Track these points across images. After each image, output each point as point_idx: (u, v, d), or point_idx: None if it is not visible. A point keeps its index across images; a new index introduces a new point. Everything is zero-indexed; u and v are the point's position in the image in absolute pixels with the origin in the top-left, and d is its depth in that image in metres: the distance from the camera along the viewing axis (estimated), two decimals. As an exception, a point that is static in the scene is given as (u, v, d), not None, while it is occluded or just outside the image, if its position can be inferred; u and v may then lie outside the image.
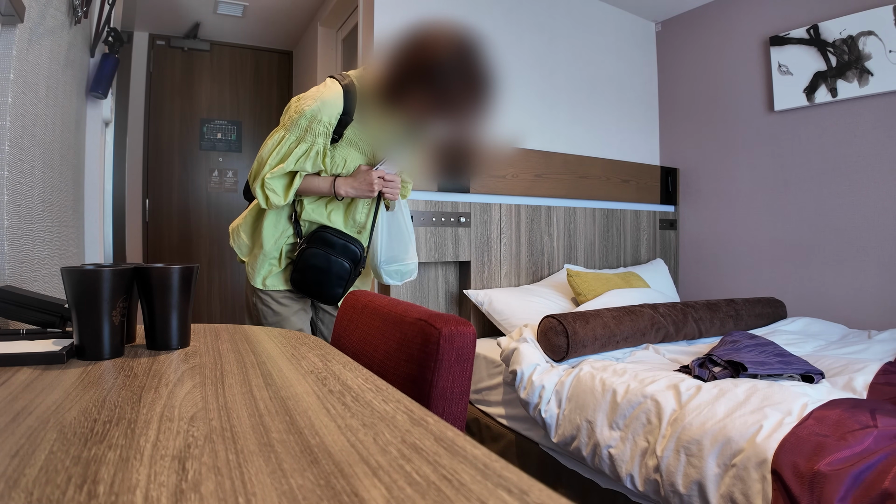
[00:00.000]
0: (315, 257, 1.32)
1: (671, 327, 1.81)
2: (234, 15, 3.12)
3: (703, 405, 1.19)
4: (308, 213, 1.34)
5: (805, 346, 1.78)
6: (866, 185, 2.28)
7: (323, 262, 1.32)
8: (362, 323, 0.86)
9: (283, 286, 1.38)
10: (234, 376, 0.56)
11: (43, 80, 1.15)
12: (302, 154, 1.22)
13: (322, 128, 1.20)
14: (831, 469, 0.92)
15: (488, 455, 0.34)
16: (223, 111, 3.52)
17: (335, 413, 0.44)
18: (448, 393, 0.63)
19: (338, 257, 1.33)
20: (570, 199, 2.65)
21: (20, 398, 0.47)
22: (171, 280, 0.68)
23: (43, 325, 0.74)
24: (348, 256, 1.34)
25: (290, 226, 1.36)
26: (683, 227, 3.05)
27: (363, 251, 1.38)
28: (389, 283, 1.47)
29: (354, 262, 1.36)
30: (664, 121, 3.11)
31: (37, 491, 0.29)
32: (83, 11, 1.41)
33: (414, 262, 1.47)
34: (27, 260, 1.04)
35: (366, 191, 1.29)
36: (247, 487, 0.30)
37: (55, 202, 1.30)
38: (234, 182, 3.54)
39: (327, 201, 1.35)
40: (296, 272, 1.34)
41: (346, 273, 1.34)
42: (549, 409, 1.48)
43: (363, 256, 1.38)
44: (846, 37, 2.27)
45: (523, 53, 2.58)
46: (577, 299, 2.15)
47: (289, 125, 1.21)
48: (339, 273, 1.34)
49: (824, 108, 2.40)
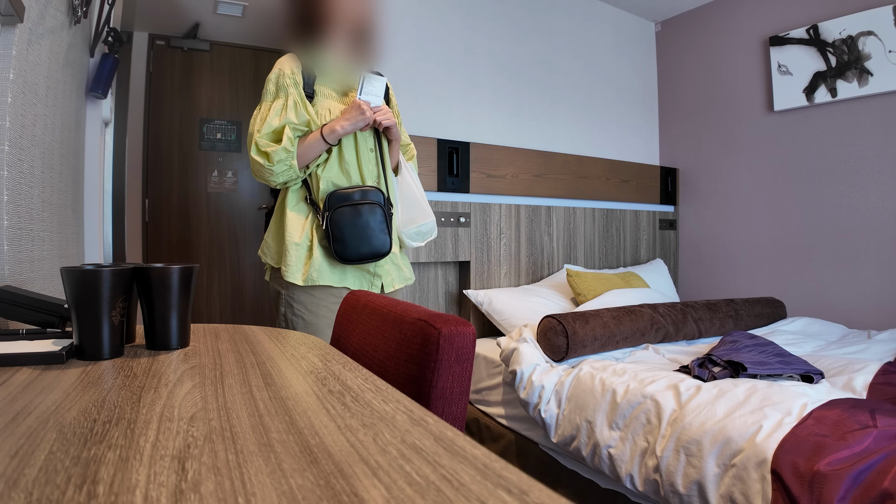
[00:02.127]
0: (342, 215, 1.29)
1: (671, 327, 1.81)
2: (233, 15, 3.12)
3: (702, 405, 1.19)
4: (326, 183, 1.33)
5: (805, 346, 1.78)
6: (866, 185, 2.29)
7: (352, 214, 1.29)
8: (362, 323, 0.86)
9: (329, 275, 1.32)
10: (233, 376, 0.56)
11: (42, 80, 1.15)
12: (281, 107, 1.29)
13: (288, 79, 1.30)
14: (831, 469, 0.92)
15: (488, 455, 0.34)
16: (223, 111, 3.52)
17: (335, 413, 0.44)
18: (448, 393, 0.63)
19: (363, 203, 1.31)
20: (569, 199, 2.65)
21: (20, 398, 0.47)
22: (171, 280, 0.68)
23: (42, 325, 0.74)
24: (370, 197, 1.32)
25: (309, 206, 1.34)
26: (683, 227, 3.05)
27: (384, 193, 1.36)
28: (412, 245, 1.48)
29: (380, 202, 1.33)
30: (664, 121, 3.11)
31: (36, 491, 0.29)
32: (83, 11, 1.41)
33: (430, 220, 1.47)
34: (27, 260, 1.04)
35: (357, 116, 1.28)
36: (246, 487, 0.30)
37: (55, 202, 1.30)
38: (233, 182, 3.54)
39: (338, 163, 1.34)
40: (336, 243, 1.29)
41: (378, 214, 1.31)
42: (548, 409, 1.48)
43: (387, 198, 1.36)
44: (846, 37, 2.27)
45: (523, 53, 2.58)
46: (577, 299, 2.15)
47: (262, 97, 1.32)
48: (375, 216, 1.31)
49: (824, 108, 2.40)
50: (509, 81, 2.53)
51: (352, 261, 1.31)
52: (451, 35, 2.36)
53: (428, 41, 2.29)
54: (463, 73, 2.39)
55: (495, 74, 2.49)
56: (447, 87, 2.34)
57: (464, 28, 2.40)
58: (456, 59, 2.37)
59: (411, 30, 2.25)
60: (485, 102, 2.46)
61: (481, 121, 2.44)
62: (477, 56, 2.44)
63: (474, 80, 2.43)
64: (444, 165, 2.22)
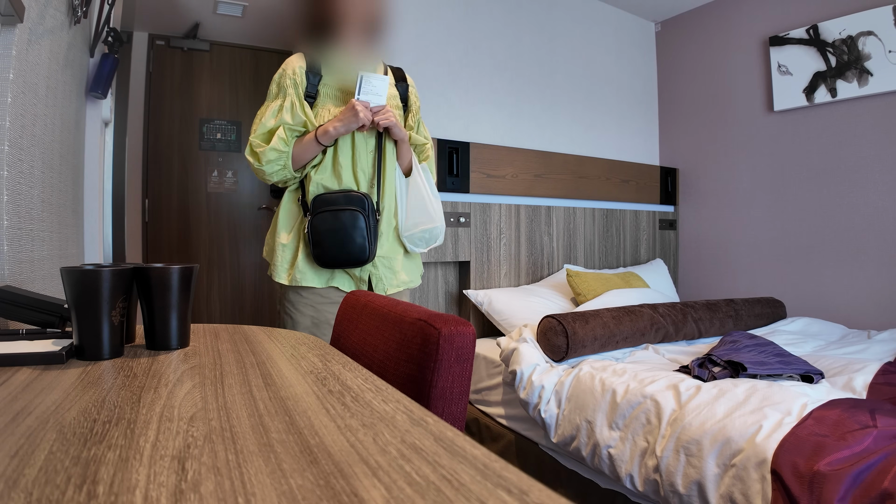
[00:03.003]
0: (322, 221, 1.29)
1: (671, 327, 1.81)
2: (233, 15, 3.12)
3: (702, 405, 1.19)
4: (316, 186, 1.32)
5: (805, 346, 1.78)
6: (866, 185, 2.29)
7: (330, 220, 1.28)
8: (362, 323, 0.86)
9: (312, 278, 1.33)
10: (233, 376, 0.56)
11: (42, 80, 1.15)
12: (278, 108, 1.30)
13: (289, 80, 1.31)
14: (831, 469, 0.92)
15: (488, 455, 0.34)
16: (223, 111, 3.52)
17: (335, 413, 0.44)
18: (448, 393, 0.63)
19: (343, 209, 1.29)
20: (569, 199, 2.65)
21: (20, 398, 0.47)
22: (171, 280, 0.68)
23: (42, 325, 0.74)
24: (354, 204, 1.30)
25: (300, 208, 1.34)
26: (683, 227, 3.05)
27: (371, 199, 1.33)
28: (415, 250, 1.44)
29: (363, 208, 1.30)
30: (664, 121, 3.11)
31: (36, 491, 0.29)
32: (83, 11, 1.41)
33: (435, 225, 1.42)
34: (27, 260, 1.04)
35: (350, 118, 1.27)
36: (246, 487, 0.30)
37: (55, 202, 1.30)
38: (233, 182, 3.54)
39: (332, 165, 1.33)
40: (315, 248, 1.29)
41: (359, 221, 1.29)
42: (548, 409, 1.48)
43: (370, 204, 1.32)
44: (846, 37, 2.27)
45: (523, 53, 2.58)
46: (577, 299, 2.15)
47: (266, 97, 1.35)
48: (353, 223, 1.28)
49: (824, 108, 2.40)
50: (509, 81, 2.53)
51: (330, 266, 1.32)
52: (451, 35, 2.36)
53: (428, 41, 2.29)
54: (463, 74, 2.39)
55: (495, 74, 2.49)
56: (447, 87, 2.34)
57: (464, 28, 2.40)
58: (456, 59, 2.37)
59: (412, 30, 2.25)
60: (485, 102, 2.46)
61: (481, 121, 2.44)
62: (477, 56, 2.44)
63: (474, 80, 2.43)
64: (444, 165, 2.22)
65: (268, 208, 3.61)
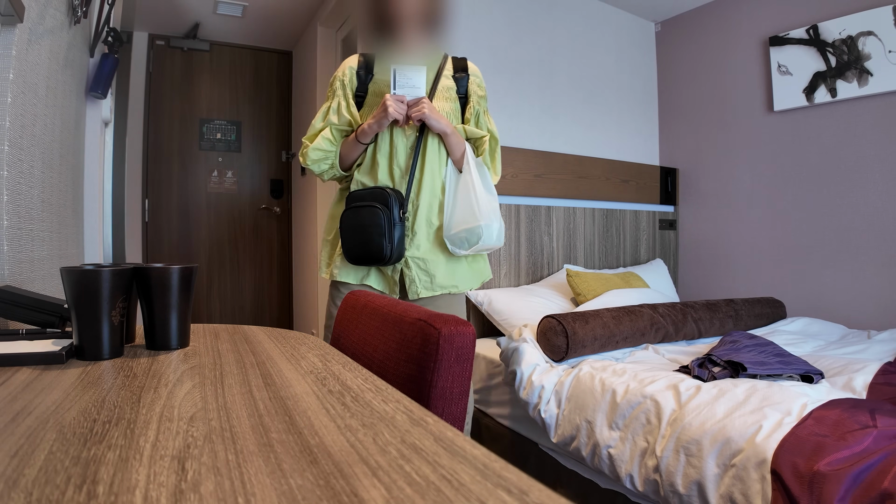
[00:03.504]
0: (346, 218, 1.31)
1: (671, 327, 1.81)
2: (233, 15, 3.12)
3: (702, 405, 1.19)
4: (355, 183, 1.37)
5: (804, 346, 1.78)
6: (866, 185, 2.29)
7: (352, 216, 1.30)
8: (362, 323, 0.86)
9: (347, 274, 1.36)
10: (233, 376, 0.56)
11: (42, 80, 1.15)
12: (326, 109, 1.36)
13: (338, 81, 1.36)
14: (831, 469, 0.92)
15: (488, 455, 0.34)
16: (223, 111, 3.52)
17: (335, 413, 0.44)
18: (447, 393, 0.63)
19: (364, 205, 1.28)
20: (569, 199, 2.65)
21: (19, 398, 0.47)
22: (171, 280, 0.68)
23: (42, 325, 0.74)
24: (376, 200, 1.28)
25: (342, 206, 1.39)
26: (683, 227, 3.05)
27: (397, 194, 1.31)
28: (457, 252, 1.35)
29: (386, 205, 1.27)
30: (663, 121, 3.11)
31: (36, 491, 0.29)
32: (83, 11, 1.41)
33: (478, 224, 1.30)
34: (26, 260, 1.04)
35: (380, 113, 1.27)
36: (246, 488, 0.30)
37: (54, 202, 1.30)
38: (233, 182, 3.54)
39: (371, 162, 1.36)
40: (343, 243, 1.32)
41: (377, 219, 1.25)
42: (548, 409, 1.48)
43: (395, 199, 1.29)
44: (846, 37, 2.27)
45: (523, 53, 2.58)
46: (577, 299, 2.15)
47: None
48: (371, 220, 1.26)
49: (824, 108, 2.40)
50: (509, 81, 2.53)
51: (356, 263, 1.33)
52: (450, 35, 2.36)
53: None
54: (463, 73, 2.39)
55: (495, 74, 2.48)
56: (447, 87, 2.34)
57: (463, 28, 2.40)
58: (456, 59, 2.37)
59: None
60: (485, 102, 2.45)
61: (481, 121, 2.44)
62: (477, 56, 2.44)
63: (474, 80, 2.42)
64: (443, 165, 2.21)
65: (268, 208, 3.61)
